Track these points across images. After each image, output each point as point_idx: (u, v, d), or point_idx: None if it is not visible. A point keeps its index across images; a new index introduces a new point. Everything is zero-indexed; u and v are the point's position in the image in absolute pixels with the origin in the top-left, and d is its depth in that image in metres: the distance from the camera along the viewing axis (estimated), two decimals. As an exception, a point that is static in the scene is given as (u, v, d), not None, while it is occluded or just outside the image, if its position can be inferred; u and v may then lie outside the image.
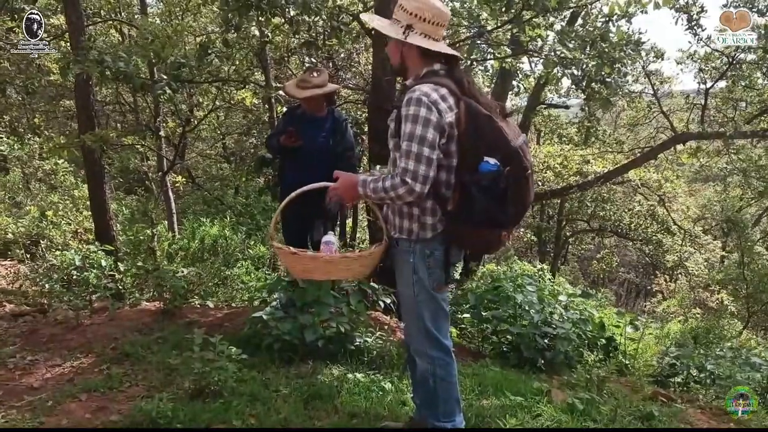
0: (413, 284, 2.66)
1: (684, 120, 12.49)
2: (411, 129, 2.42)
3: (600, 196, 16.30)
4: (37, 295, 6.30)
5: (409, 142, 2.41)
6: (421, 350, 2.76)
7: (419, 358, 2.79)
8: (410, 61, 2.65)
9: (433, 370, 2.74)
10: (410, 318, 2.77)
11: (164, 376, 3.81)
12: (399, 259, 2.72)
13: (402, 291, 2.76)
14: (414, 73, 2.65)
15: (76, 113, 7.52)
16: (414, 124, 2.42)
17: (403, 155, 2.42)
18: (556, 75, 5.83)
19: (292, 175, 4.73)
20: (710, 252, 16.65)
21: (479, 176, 2.45)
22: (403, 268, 2.70)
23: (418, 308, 2.69)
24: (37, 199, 10.67)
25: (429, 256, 2.63)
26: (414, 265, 2.64)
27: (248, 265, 8.76)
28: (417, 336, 2.76)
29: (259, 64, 8.82)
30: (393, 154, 2.65)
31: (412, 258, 2.64)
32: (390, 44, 2.68)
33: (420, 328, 2.72)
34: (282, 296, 4.31)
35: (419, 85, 2.51)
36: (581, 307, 5.21)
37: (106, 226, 6.85)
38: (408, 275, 2.67)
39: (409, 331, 2.82)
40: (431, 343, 2.73)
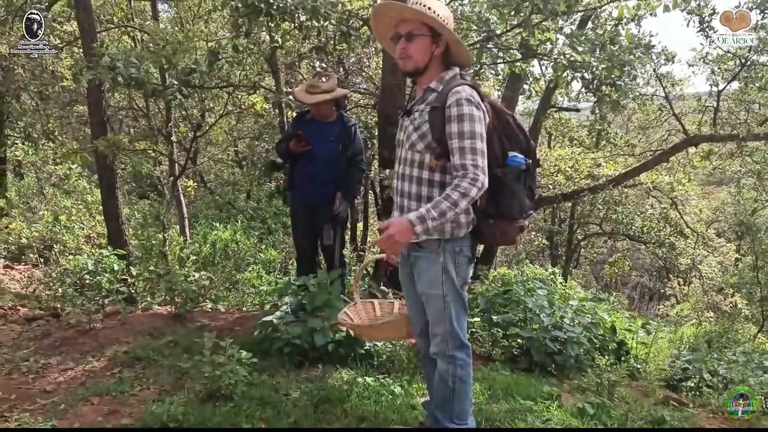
0: (442, 284, 2.67)
1: (696, 122, 12.41)
2: (469, 127, 2.51)
3: (612, 199, 16.19)
4: (51, 299, 6.35)
5: (471, 140, 2.50)
6: (443, 351, 2.75)
7: (441, 359, 2.77)
8: (434, 63, 2.69)
9: (453, 370, 2.75)
10: (436, 319, 2.74)
11: (175, 379, 3.84)
12: (424, 261, 2.70)
13: (427, 292, 2.73)
14: (432, 77, 2.69)
15: (89, 119, 7.59)
16: (471, 122, 2.51)
17: (467, 152, 2.50)
18: (567, 78, 5.82)
19: (301, 179, 4.76)
20: (724, 255, 16.50)
21: (509, 169, 2.63)
22: (430, 269, 2.69)
23: (446, 308, 2.70)
24: (51, 204, 10.78)
25: (458, 254, 2.68)
26: (444, 264, 2.66)
27: (259, 269, 8.79)
28: (442, 337, 2.74)
29: (270, 69, 8.85)
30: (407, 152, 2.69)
31: (441, 257, 2.65)
32: (419, 43, 2.63)
33: (446, 328, 2.72)
34: (292, 300, 4.33)
35: (461, 86, 2.57)
36: (592, 311, 5.18)
37: (118, 230, 6.90)
38: (437, 275, 2.67)
39: (433, 332, 2.78)
40: (455, 343, 2.74)
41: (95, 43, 6.14)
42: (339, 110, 4.85)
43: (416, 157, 2.66)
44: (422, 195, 2.65)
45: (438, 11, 2.60)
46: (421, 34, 2.62)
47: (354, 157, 4.75)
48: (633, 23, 6.02)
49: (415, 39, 2.63)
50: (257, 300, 7.24)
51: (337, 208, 4.68)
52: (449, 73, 2.70)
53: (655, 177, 13.53)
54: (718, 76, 11.28)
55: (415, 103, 2.75)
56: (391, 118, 5.50)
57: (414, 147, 2.66)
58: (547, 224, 18.55)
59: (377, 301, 3.60)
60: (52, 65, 10.88)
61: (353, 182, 4.80)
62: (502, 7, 5.23)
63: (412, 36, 2.63)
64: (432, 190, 2.64)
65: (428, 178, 2.65)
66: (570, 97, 13.55)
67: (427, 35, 2.62)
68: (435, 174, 2.64)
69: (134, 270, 6.16)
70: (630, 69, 5.31)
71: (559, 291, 6.13)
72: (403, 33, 2.64)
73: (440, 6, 2.65)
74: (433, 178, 2.64)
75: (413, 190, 2.68)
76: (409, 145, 2.68)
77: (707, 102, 12.30)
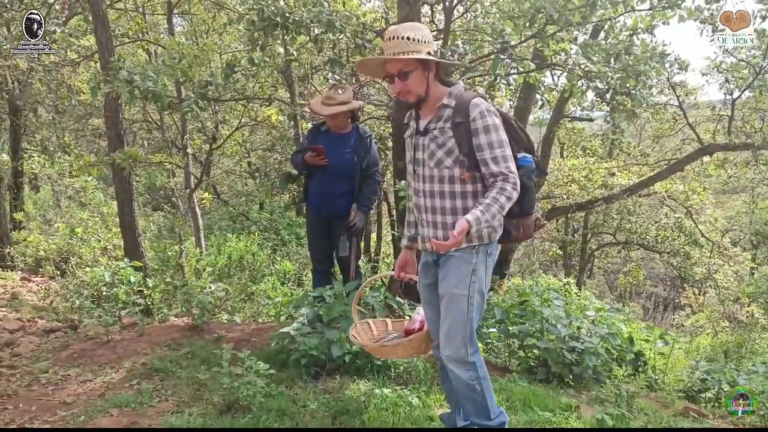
0: (469, 286, 2.70)
1: (710, 131, 12.34)
2: (496, 136, 2.64)
3: (625, 208, 16.09)
4: (68, 311, 6.41)
5: (500, 149, 2.64)
6: (462, 358, 2.74)
7: (460, 368, 2.75)
8: (432, 84, 2.77)
9: (476, 374, 2.76)
10: (456, 321, 2.73)
11: (193, 391, 3.86)
12: (455, 261, 2.73)
13: (452, 291, 2.72)
14: (436, 95, 2.77)
15: (106, 132, 7.66)
16: (496, 131, 2.64)
17: (500, 160, 2.63)
18: (581, 88, 5.82)
19: (317, 191, 4.78)
20: (739, 264, 16.34)
21: (523, 170, 2.75)
22: (460, 269, 2.71)
23: (469, 311, 2.72)
24: (67, 217, 10.87)
25: (489, 256, 2.76)
26: (475, 266, 2.70)
27: (274, 280, 8.81)
28: (459, 342, 2.73)
29: (284, 82, 8.92)
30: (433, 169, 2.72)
31: (474, 259, 2.70)
32: (414, 77, 2.71)
33: (465, 333, 2.73)
34: (308, 312, 4.34)
35: (476, 98, 2.69)
36: (609, 321, 5.15)
37: (134, 242, 6.95)
38: (465, 278, 2.70)
39: (449, 335, 2.75)
40: (472, 347, 2.76)
41: (113, 57, 6.21)
42: (354, 122, 4.87)
43: (445, 173, 2.71)
44: (458, 207, 2.71)
45: (415, 36, 2.67)
46: (412, 69, 2.69)
47: (369, 169, 4.77)
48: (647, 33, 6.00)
49: (408, 76, 2.70)
50: (273, 311, 7.25)
51: (352, 219, 4.70)
52: (456, 87, 2.78)
53: (669, 186, 13.44)
54: (732, 85, 11.22)
55: (430, 121, 2.79)
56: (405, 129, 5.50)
57: (442, 164, 2.71)
58: (561, 234, 18.45)
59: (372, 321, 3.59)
60: (69, 79, 11.00)
61: (368, 194, 4.80)
62: (517, 18, 5.24)
63: (405, 74, 2.70)
64: (466, 201, 2.71)
65: (461, 191, 2.71)
66: (583, 107, 13.54)
67: (418, 67, 2.70)
68: (467, 185, 2.70)
69: (151, 282, 6.20)
70: (645, 78, 5.31)
71: (575, 301, 6.11)
72: (395, 73, 2.71)
73: (414, 29, 2.71)
74: (465, 190, 2.71)
75: (447, 204, 2.73)
76: (435, 163, 2.72)
77: (721, 111, 12.24)
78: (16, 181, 10.61)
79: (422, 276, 2.97)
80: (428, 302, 2.98)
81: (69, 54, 10.10)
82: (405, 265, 3.12)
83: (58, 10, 9.60)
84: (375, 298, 4.54)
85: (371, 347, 3.20)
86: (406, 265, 3.12)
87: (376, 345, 3.19)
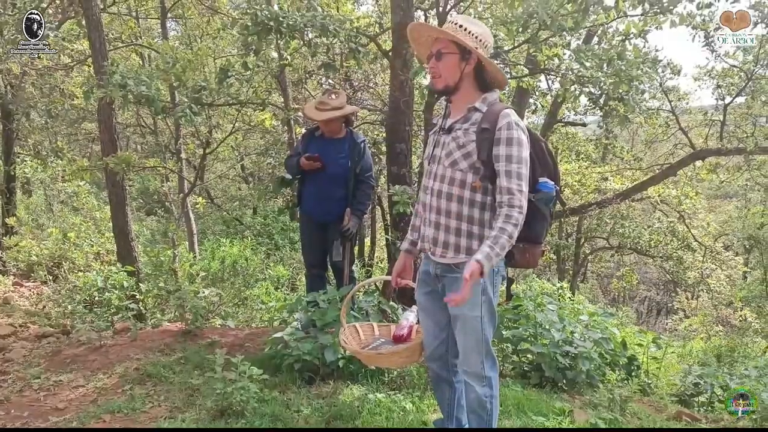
0: (480, 305, 2.65)
1: (702, 136, 12.41)
2: (518, 152, 2.52)
3: (619, 213, 16.16)
4: (60, 317, 6.38)
5: (518, 165, 2.51)
6: (479, 373, 2.72)
7: (476, 383, 2.73)
8: (467, 82, 2.66)
9: (490, 392, 2.73)
10: (471, 341, 2.70)
11: (186, 396, 3.84)
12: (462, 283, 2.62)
13: (465, 314, 2.67)
14: (466, 96, 2.68)
15: (99, 136, 7.65)
16: (519, 147, 2.52)
17: (514, 176, 2.50)
18: (574, 93, 5.83)
19: (311, 195, 4.78)
20: (732, 269, 16.42)
21: (540, 195, 2.66)
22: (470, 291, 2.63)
23: (483, 329, 2.68)
24: (60, 221, 10.83)
25: (496, 275, 2.70)
26: (484, 285, 2.63)
27: (268, 285, 8.80)
28: (476, 359, 2.71)
29: (278, 86, 8.92)
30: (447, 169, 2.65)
31: (482, 279, 2.59)
32: (448, 61, 2.63)
33: (481, 350, 2.70)
34: (302, 316, 4.33)
35: (509, 110, 2.58)
36: (602, 326, 5.16)
37: (128, 247, 6.93)
38: (476, 297, 2.62)
39: (465, 353, 2.73)
40: (489, 363, 2.73)
41: (106, 61, 6.20)
42: (348, 126, 4.87)
43: (457, 175, 2.62)
44: (463, 214, 2.63)
45: (471, 29, 2.60)
46: (449, 52, 2.61)
47: (363, 174, 4.76)
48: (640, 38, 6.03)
49: (443, 57, 2.62)
50: (266, 316, 7.24)
51: (346, 224, 4.69)
52: (493, 95, 2.68)
53: (662, 191, 13.50)
54: (723, 90, 11.29)
55: (456, 121, 2.70)
56: (399, 134, 5.51)
57: (456, 165, 2.62)
58: (554, 238, 18.49)
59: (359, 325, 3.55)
60: (62, 83, 10.97)
61: (362, 198, 4.80)
62: (510, 23, 5.25)
63: (440, 54, 2.62)
64: (473, 209, 2.62)
65: (470, 198, 2.62)
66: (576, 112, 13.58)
67: (456, 53, 2.61)
68: (477, 194, 2.62)
69: (144, 286, 6.18)
70: (638, 83, 5.32)
71: (568, 306, 6.12)
72: (434, 52, 2.64)
73: (475, 24, 2.64)
74: (474, 198, 2.62)
75: (453, 208, 2.64)
76: (450, 163, 2.64)
77: (713, 116, 12.31)
78: (9, 185, 10.58)
79: (421, 284, 2.89)
80: (426, 311, 2.92)
81: (62, 58, 10.08)
82: (402, 271, 3.04)
83: (52, 14, 9.58)
84: (368, 303, 4.54)
85: (366, 355, 3.15)
86: (403, 270, 3.04)
87: (372, 352, 3.14)
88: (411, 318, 3.19)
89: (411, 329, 3.16)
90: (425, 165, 2.85)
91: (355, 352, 3.19)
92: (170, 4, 10.19)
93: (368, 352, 3.14)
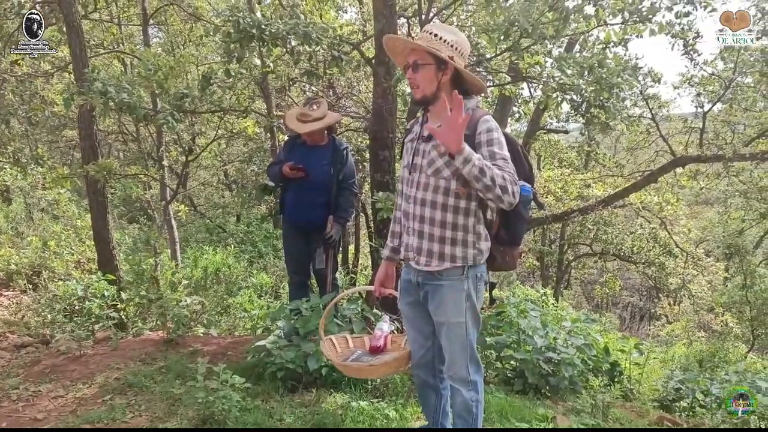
0: (465, 311, 2.66)
1: (683, 143, 12.54)
2: (499, 149, 2.54)
3: (601, 219, 16.29)
4: (40, 326, 6.29)
5: (504, 161, 2.51)
6: (465, 377, 2.73)
7: (463, 387, 2.74)
8: (445, 91, 2.63)
9: (476, 396, 2.76)
10: (457, 347, 2.71)
11: (168, 406, 3.80)
12: (448, 290, 2.67)
13: (450, 321, 2.69)
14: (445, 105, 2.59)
15: (80, 143, 7.58)
16: (501, 146, 2.56)
17: (506, 168, 2.49)
18: (556, 100, 5.87)
19: (293, 202, 4.76)
20: (713, 275, 16.58)
21: (520, 197, 2.59)
22: (454, 297, 2.67)
23: (468, 335, 2.69)
24: (40, 230, 10.70)
25: (479, 280, 2.71)
26: (468, 291, 2.65)
27: (251, 293, 8.75)
28: (462, 363, 2.72)
29: (261, 94, 8.91)
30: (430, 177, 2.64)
31: (465, 285, 2.64)
32: (424, 72, 2.62)
33: (468, 355, 2.72)
34: (285, 325, 4.31)
35: (488, 115, 2.64)
36: (585, 332, 5.19)
37: (109, 255, 6.86)
38: (460, 303, 2.65)
39: (452, 359, 2.75)
40: (474, 367, 2.75)
41: (87, 68, 6.15)
42: (331, 134, 4.87)
43: (441, 183, 2.62)
44: (447, 221, 2.63)
45: (446, 37, 2.61)
46: (426, 63, 2.61)
47: (346, 181, 4.76)
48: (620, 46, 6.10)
49: (420, 68, 2.62)
50: (249, 324, 7.20)
51: (329, 231, 4.68)
52: (471, 101, 2.68)
53: (644, 197, 13.62)
54: (703, 98, 11.42)
55: None
56: (382, 141, 5.52)
57: (440, 173, 2.62)
58: (538, 245, 18.59)
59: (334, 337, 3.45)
60: (43, 90, 10.87)
61: (345, 206, 4.79)
62: (492, 31, 5.28)
63: (417, 65, 2.63)
64: (457, 216, 2.63)
65: (454, 205, 2.62)
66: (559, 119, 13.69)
67: (432, 63, 2.61)
68: (461, 201, 2.62)
69: (125, 295, 6.12)
70: (618, 91, 5.38)
71: (551, 312, 6.14)
72: (410, 63, 2.64)
73: (450, 32, 2.66)
74: (458, 205, 2.63)
75: (437, 216, 2.63)
76: (433, 171, 2.64)
77: (693, 123, 12.45)
78: (-12, 193, 10.45)
79: (404, 294, 2.88)
80: (410, 321, 2.92)
81: (42, 65, 9.99)
82: (385, 280, 3.02)
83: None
84: (352, 311, 4.52)
85: (357, 367, 3.08)
86: (385, 279, 3.02)
87: (363, 365, 3.07)
88: (385, 328, 3.16)
89: (386, 339, 3.13)
90: (404, 173, 2.83)
91: (342, 365, 3.11)
92: (152, 10, 10.15)
93: (358, 364, 3.07)
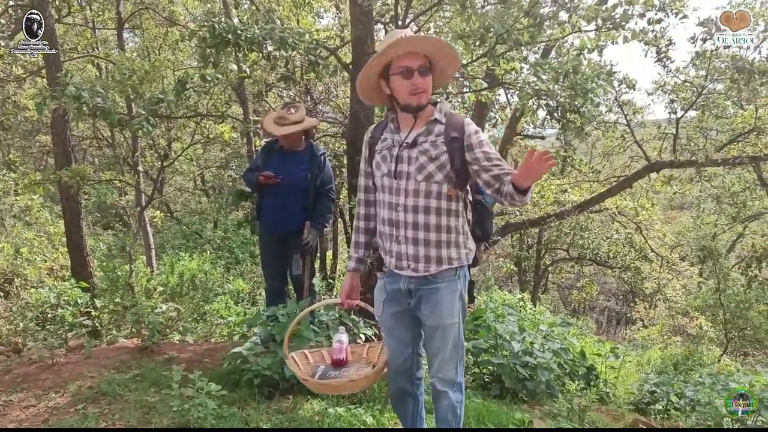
0: (458, 312, 2.67)
1: (657, 149, 12.70)
2: (491, 149, 2.61)
3: (578, 224, 16.45)
4: (11, 334, 6.20)
5: (498, 159, 2.58)
6: (453, 379, 2.72)
7: (450, 389, 2.71)
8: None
9: (461, 397, 2.75)
10: (450, 347, 2.68)
11: (142, 414, 3.75)
12: (443, 292, 2.65)
13: (445, 323, 2.66)
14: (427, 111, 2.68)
15: (53, 148, 7.49)
16: (489, 146, 2.62)
17: (504, 166, 2.55)
18: (532, 107, 5.91)
19: (270, 208, 4.73)
20: (687, 279, 16.80)
21: (488, 195, 2.72)
22: (448, 299, 2.65)
23: (459, 336, 2.70)
24: (12, 236, 10.53)
25: (467, 279, 2.74)
26: (460, 291, 2.67)
27: (227, 299, 8.68)
28: (453, 365, 2.71)
29: (237, 99, 8.86)
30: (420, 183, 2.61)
31: (458, 285, 2.66)
32: (429, 78, 2.63)
33: (458, 356, 2.71)
34: (261, 331, 4.28)
35: (466, 117, 2.70)
36: (561, 336, 5.22)
37: (82, 262, 6.78)
38: (453, 304, 2.65)
39: (443, 361, 2.69)
40: (461, 368, 2.76)
41: (60, 72, 6.07)
42: (308, 139, 4.85)
43: (433, 188, 2.60)
44: (442, 225, 2.62)
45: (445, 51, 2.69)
46: (429, 69, 2.63)
47: (323, 186, 4.74)
48: (595, 52, 6.16)
49: (426, 74, 2.61)
50: (226, 331, 7.14)
51: (306, 237, 4.65)
52: (444, 105, 2.72)
53: (619, 202, 13.77)
54: (676, 104, 11.58)
55: (420, 134, 2.66)
56: (359, 146, 5.51)
57: (432, 178, 2.60)
58: (515, 250, 18.71)
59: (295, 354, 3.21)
60: (15, 95, 10.72)
61: (323, 211, 4.77)
62: (467, 37, 5.31)
63: (425, 70, 2.60)
64: (450, 218, 2.64)
65: (447, 208, 2.63)
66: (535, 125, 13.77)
67: (432, 72, 2.65)
68: (452, 203, 2.64)
69: (99, 302, 6.04)
70: (593, 96, 5.43)
71: (529, 317, 6.17)
72: (415, 67, 2.59)
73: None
74: (450, 207, 2.64)
75: (432, 221, 2.61)
76: (424, 177, 2.60)
77: (667, 129, 12.61)
78: (-41, 199, 10.27)
79: (390, 304, 2.80)
80: (390, 331, 2.85)
81: (15, 69, 9.85)
82: (351, 291, 2.94)
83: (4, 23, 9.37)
84: (329, 317, 4.50)
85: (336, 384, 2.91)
86: (351, 291, 2.94)
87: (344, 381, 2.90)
88: (344, 339, 3.10)
89: (347, 351, 3.08)
90: (383, 182, 2.72)
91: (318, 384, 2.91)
92: (127, 14, 10.06)
93: (338, 381, 2.92)
